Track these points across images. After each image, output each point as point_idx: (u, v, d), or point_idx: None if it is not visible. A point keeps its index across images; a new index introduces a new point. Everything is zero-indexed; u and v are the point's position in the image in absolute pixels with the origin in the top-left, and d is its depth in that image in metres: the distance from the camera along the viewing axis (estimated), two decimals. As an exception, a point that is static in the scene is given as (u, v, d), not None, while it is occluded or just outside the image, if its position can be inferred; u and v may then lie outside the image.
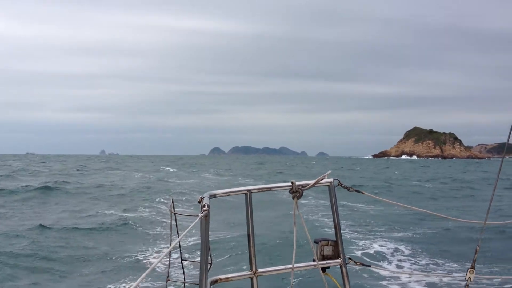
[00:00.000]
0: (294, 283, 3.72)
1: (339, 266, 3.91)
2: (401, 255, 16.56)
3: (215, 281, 3.59)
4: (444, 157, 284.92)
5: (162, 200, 30.57)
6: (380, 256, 16.16)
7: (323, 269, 3.84)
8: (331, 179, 3.90)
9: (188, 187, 42.18)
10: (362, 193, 4.14)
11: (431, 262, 15.56)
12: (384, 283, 12.79)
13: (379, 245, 17.93)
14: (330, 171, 3.79)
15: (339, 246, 3.89)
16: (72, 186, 38.55)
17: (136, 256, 15.72)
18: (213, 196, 3.64)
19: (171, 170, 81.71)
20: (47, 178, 46.40)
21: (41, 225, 19.54)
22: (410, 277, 13.22)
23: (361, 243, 18.03)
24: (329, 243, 3.89)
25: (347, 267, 3.93)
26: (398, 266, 14.93)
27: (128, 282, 12.77)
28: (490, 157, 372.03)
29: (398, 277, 13.21)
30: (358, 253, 15.97)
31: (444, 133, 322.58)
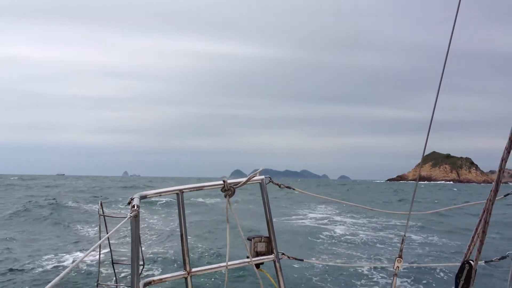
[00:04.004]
0: (228, 281, 3.78)
1: (272, 261, 3.99)
2: (333, 247, 17.48)
3: (148, 283, 3.57)
4: (460, 181, 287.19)
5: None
6: (312, 250, 17.01)
7: (257, 265, 3.91)
8: (263, 177, 3.97)
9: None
10: (293, 189, 4.26)
11: (361, 253, 16.50)
12: (316, 275, 13.19)
13: (311, 239, 19.33)
14: (261, 169, 3.86)
15: (272, 242, 3.97)
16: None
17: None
18: (143, 197, 3.55)
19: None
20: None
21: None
22: (341, 268, 13.78)
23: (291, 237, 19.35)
24: (262, 239, 3.97)
25: (281, 262, 4.03)
26: (329, 259, 15.53)
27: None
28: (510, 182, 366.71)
29: (330, 269, 13.67)
30: (291, 247, 16.57)
31: (461, 157, 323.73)
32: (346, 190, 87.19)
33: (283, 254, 4.10)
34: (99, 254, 3.12)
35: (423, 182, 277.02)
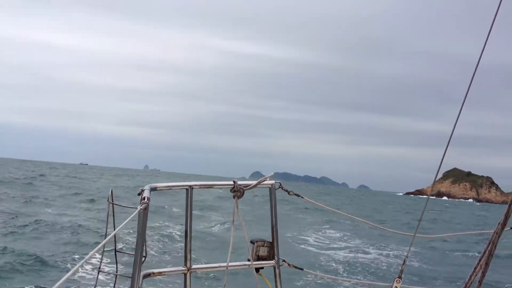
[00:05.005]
0: (227, 282, 3.74)
1: (272, 267, 3.96)
2: (334, 261, 17.56)
3: (148, 275, 3.57)
4: (478, 200, 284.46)
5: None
6: (314, 260, 17.09)
7: (257, 269, 3.90)
8: (273, 181, 3.94)
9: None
10: (302, 197, 4.22)
11: (362, 270, 16.54)
12: (315, 286, 13.28)
13: (314, 250, 19.32)
14: (272, 173, 3.82)
15: (274, 248, 3.95)
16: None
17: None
18: (153, 189, 3.54)
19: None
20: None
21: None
22: (339, 283, 13.79)
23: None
24: (265, 244, 3.94)
25: (280, 269, 4.00)
26: (329, 271, 15.59)
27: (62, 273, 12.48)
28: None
29: (328, 282, 13.70)
30: (293, 255, 16.48)
31: (482, 176, 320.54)
32: (362, 205, 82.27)
33: (284, 261, 4.10)
34: (104, 242, 3.07)
35: (441, 199, 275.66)
